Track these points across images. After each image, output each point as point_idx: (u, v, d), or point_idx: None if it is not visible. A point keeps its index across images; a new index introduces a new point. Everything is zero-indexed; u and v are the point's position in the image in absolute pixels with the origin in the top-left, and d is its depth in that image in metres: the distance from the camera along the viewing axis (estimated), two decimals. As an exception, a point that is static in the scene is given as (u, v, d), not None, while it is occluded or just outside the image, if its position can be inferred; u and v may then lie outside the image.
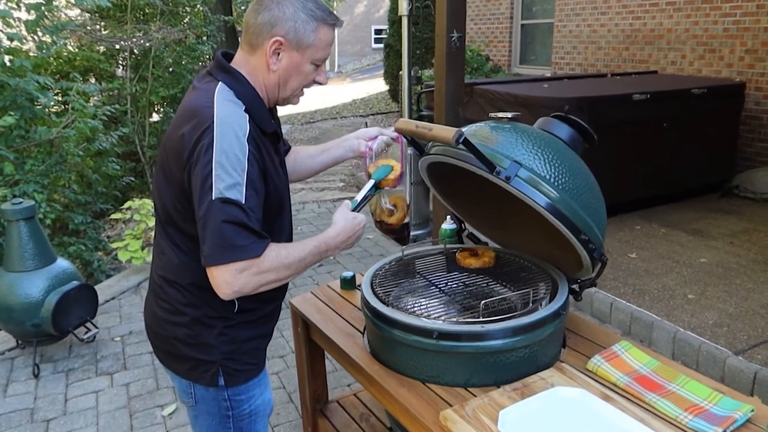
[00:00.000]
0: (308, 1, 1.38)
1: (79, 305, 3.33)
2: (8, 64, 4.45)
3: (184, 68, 7.05)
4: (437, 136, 1.50)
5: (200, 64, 7.47)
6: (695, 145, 5.14)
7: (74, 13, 7.01)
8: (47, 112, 4.91)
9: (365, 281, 1.79)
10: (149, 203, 4.58)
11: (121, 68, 7.05)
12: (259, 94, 1.42)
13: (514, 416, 1.35)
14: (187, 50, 7.10)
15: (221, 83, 1.38)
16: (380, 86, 13.98)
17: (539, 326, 1.54)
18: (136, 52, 6.72)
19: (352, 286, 2.22)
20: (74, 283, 3.30)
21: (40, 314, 3.16)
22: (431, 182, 1.95)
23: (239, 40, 1.60)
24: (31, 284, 3.18)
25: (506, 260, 1.96)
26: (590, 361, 1.61)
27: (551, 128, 1.72)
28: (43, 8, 4.80)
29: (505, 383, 1.53)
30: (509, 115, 1.70)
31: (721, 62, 6.02)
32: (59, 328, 3.21)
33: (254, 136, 1.34)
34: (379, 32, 25.32)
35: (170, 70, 6.95)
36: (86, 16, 7.15)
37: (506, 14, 9.10)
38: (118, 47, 6.62)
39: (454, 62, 3.92)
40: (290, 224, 1.56)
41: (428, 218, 5.01)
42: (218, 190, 1.25)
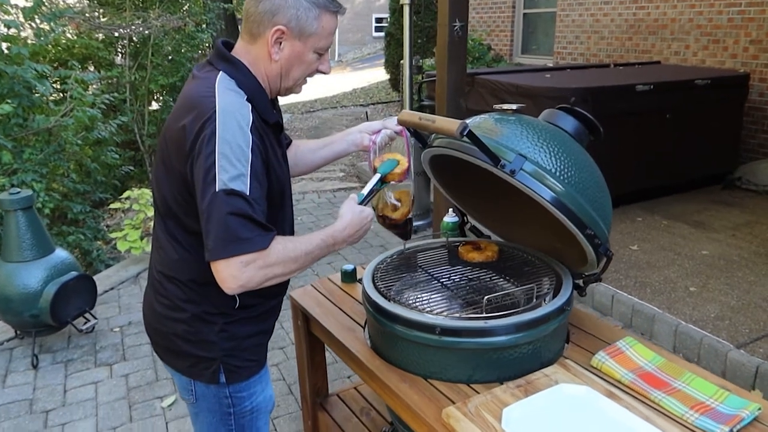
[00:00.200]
0: None
1: (77, 296, 3.31)
2: (5, 51, 4.41)
3: (183, 56, 7.00)
4: (441, 128, 1.47)
5: (199, 52, 7.42)
6: (698, 136, 5.12)
7: (72, 0, 6.96)
8: (45, 100, 4.87)
9: (366, 275, 1.76)
10: (148, 193, 4.55)
11: (120, 56, 7.00)
12: (260, 84, 1.39)
13: (518, 414, 1.33)
14: (186, 38, 7.04)
15: (222, 72, 1.35)
16: (381, 75, 13.90)
17: (543, 322, 1.52)
18: (135, 39, 6.67)
19: (352, 279, 2.19)
20: (73, 273, 3.28)
21: (38, 305, 3.14)
22: (434, 175, 1.92)
23: (239, 28, 1.56)
24: (29, 274, 3.16)
25: (509, 254, 1.93)
26: (594, 357, 1.59)
27: (557, 120, 1.69)
28: (41, -5, 4.75)
29: (508, 379, 1.52)
30: (514, 106, 1.67)
31: (725, 53, 5.96)
32: (58, 318, 3.20)
33: (257, 126, 1.31)
34: (380, 21, 25.18)
35: (169, 58, 6.90)
36: (85, 3, 7.09)
37: (508, 3, 9.01)
38: (117, 35, 6.57)
39: (456, 52, 3.87)
40: (291, 217, 1.54)
41: (429, 209, 4.99)
42: (222, 181, 1.22)
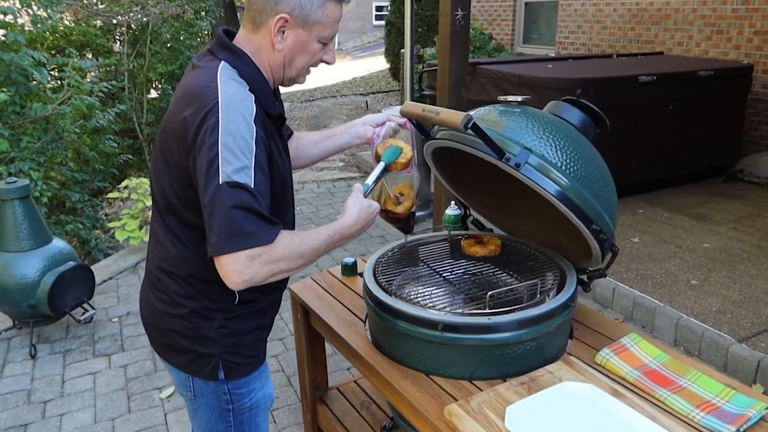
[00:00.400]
0: None
1: (75, 286, 3.29)
2: (2, 38, 4.36)
3: (182, 44, 6.93)
4: (445, 120, 1.43)
5: (198, 40, 7.36)
6: (701, 127, 5.08)
7: (70, -14, 6.88)
8: (43, 88, 4.83)
9: (367, 269, 1.73)
10: (146, 182, 4.52)
11: (118, 43, 6.94)
12: (263, 74, 1.35)
13: (521, 412, 1.31)
14: (185, 26, 6.98)
15: (224, 62, 1.31)
16: (381, 64, 13.82)
17: (547, 318, 1.50)
18: (133, 27, 6.61)
19: (353, 272, 2.17)
20: (70, 263, 3.26)
21: (36, 295, 3.12)
22: (436, 167, 1.88)
23: (238, 16, 1.51)
24: (26, 264, 3.13)
25: (513, 248, 1.91)
26: (599, 354, 1.57)
27: (562, 113, 1.66)
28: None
29: (511, 376, 1.50)
30: (519, 98, 1.63)
31: (728, 44, 5.91)
32: (56, 308, 3.18)
33: (261, 117, 1.28)
34: (380, 9, 25.02)
35: (168, 45, 6.84)
36: (82, -11, 7.01)
37: (510, -8, 8.94)
38: (115, 22, 6.51)
39: (457, 41, 3.83)
40: (293, 211, 1.51)
41: (429, 200, 4.96)
42: (225, 173, 1.18)
